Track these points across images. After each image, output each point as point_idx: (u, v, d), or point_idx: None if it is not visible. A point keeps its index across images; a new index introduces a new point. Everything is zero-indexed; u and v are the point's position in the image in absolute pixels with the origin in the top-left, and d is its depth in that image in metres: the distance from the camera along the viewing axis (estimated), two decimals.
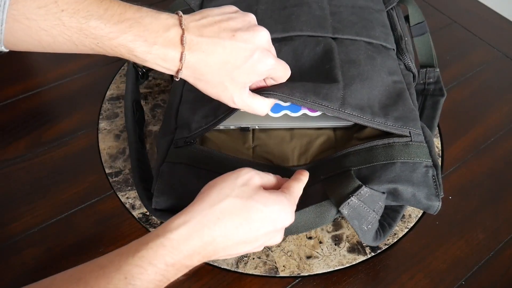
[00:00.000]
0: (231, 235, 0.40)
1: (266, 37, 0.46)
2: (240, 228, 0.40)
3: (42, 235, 0.55)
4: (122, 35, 0.41)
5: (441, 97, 0.67)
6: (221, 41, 0.44)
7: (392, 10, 0.68)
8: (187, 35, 0.43)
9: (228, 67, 0.44)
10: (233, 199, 0.41)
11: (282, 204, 0.43)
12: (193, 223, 0.39)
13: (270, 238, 0.43)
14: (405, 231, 0.57)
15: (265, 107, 0.49)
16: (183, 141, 0.54)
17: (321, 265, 0.54)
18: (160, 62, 0.43)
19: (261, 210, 0.41)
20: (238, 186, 0.42)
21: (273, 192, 0.44)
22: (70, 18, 0.39)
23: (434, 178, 0.50)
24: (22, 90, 0.71)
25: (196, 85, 0.46)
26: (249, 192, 0.42)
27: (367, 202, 0.49)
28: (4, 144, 0.64)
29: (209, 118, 0.54)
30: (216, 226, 0.40)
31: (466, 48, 0.82)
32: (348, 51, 0.58)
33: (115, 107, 0.69)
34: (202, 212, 0.40)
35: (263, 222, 0.41)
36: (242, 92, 0.47)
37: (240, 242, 0.41)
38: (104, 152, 0.64)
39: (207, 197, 0.41)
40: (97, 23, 0.40)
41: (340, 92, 0.52)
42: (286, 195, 0.44)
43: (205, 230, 0.39)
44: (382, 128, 0.52)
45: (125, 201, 0.59)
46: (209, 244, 0.40)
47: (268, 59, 0.46)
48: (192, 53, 0.43)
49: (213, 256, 0.41)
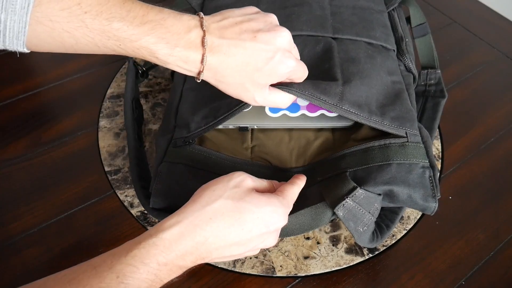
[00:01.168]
0: (223, 236, 0.41)
1: (288, 38, 0.46)
2: (232, 229, 0.41)
3: (42, 235, 0.55)
4: (145, 37, 0.41)
5: (442, 98, 0.66)
6: (242, 42, 0.43)
7: (393, 11, 0.67)
8: (208, 36, 0.43)
9: (249, 69, 0.44)
10: (225, 200, 0.41)
11: (274, 206, 0.43)
12: (185, 223, 0.40)
13: (263, 240, 0.43)
14: (403, 232, 0.57)
15: (287, 99, 0.49)
16: (181, 140, 0.54)
17: (318, 265, 0.54)
18: (181, 64, 0.43)
19: (252, 211, 0.42)
20: (230, 188, 0.42)
21: (265, 194, 0.44)
22: (93, 20, 0.39)
23: (431, 179, 0.50)
24: (22, 90, 0.71)
25: (217, 86, 0.46)
26: (241, 193, 0.42)
27: (362, 204, 0.49)
28: (4, 144, 0.64)
29: (208, 119, 0.54)
30: (208, 226, 0.40)
31: (466, 48, 0.82)
32: (348, 50, 0.58)
33: (116, 105, 0.69)
34: (194, 212, 0.41)
35: (255, 223, 0.42)
36: (263, 91, 0.46)
37: (232, 243, 0.41)
38: (104, 150, 0.64)
39: (199, 199, 0.42)
40: (119, 25, 0.40)
41: (339, 88, 0.52)
42: (278, 197, 0.44)
43: (197, 230, 0.40)
44: (378, 126, 0.52)
45: (123, 199, 0.59)
46: (201, 244, 0.40)
47: (289, 61, 0.45)
48: (213, 55, 0.43)
49: (207, 257, 0.41)
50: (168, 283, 0.40)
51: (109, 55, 0.44)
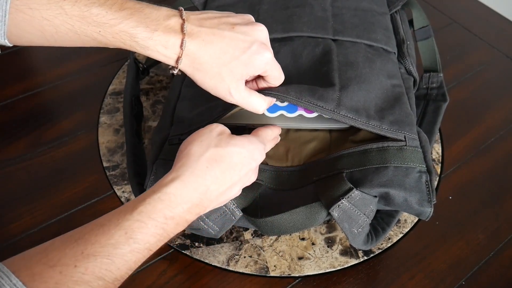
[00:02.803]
0: (222, 181, 0.43)
1: (265, 32, 0.47)
2: (227, 172, 0.44)
3: (42, 235, 0.55)
4: (124, 21, 0.42)
5: (443, 102, 0.66)
6: (220, 31, 0.45)
7: (396, 13, 0.67)
8: (188, 24, 0.44)
9: (226, 57, 0.45)
10: (215, 148, 0.44)
11: (255, 144, 0.47)
12: (186, 176, 0.41)
13: (248, 177, 0.47)
14: (399, 236, 0.57)
15: (262, 104, 0.49)
16: (177, 138, 0.54)
17: (312, 266, 0.54)
18: (160, 50, 0.44)
19: (239, 152, 0.45)
20: (215, 136, 0.45)
21: (244, 135, 0.47)
22: (72, 6, 0.41)
23: (427, 183, 0.50)
24: (22, 90, 0.71)
25: (193, 77, 0.47)
26: (226, 139, 0.45)
27: (358, 205, 0.49)
28: (4, 144, 0.64)
29: (204, 116, 0.54)
30: (207, 175, 0.42)
31: (466, 48, 0.82)
32: (347, 53, 0.57)
33: (116, 101, 0.70)
34: (191, 165, 0.42)
35: (244, 162, 0.45)
36: (239, 84, 0.47)
37: (229, 186, 0.44)
38: (103, 145, 0.64)
39: (191, 152, 0.43)
40: (98, 10, 0.41)
41: (336, 94, 0.52)
42: (256, 137, 0.48)
43: (199, 180, 0.42)
44: (377, 131, 0.51)
45: (120, 194, 0.59)
46: (204, 193, 0.42)
47: (266, 52, 0.46)
48: (192, 41, 0.44)
49: (208, 207, 0.44)
50: (175, 236, 0.40)
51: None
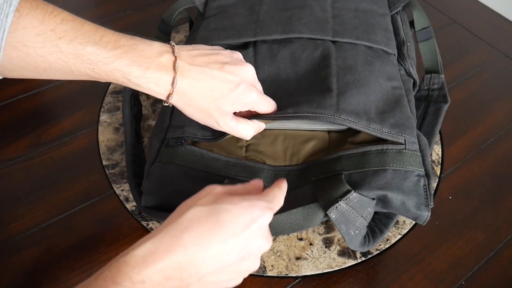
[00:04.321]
0: (204, 243, 0.36)
1: (252, 72, 0.50)
2: (212, 233, 0.36)
3: (42, 235, 0.55)
4: (117, 60, 0.43)
5: (444, 104, 0.65)
6: (210, 70, 0.47)
7: (396, 14, 0.67)
8: (179, 61, 0.46)
9: (215, 95, 0.47)
10: (198, 207, 0.38)
11: (251, 200, 0.39)
12: (158, 237, 0.36)
13: (259, 246, 0.39)
14: (398, 237, 0.57)
15: (250, 131, 0.52)
16: (174, 141, 0.54)
17: (309, 267, 0.54)
18: (152, 87, 0.46)
19: (229, 209, 0.37)
20: (201, 197, 0.40)
21: (240, 195, 0.41)
22: (67, 45, 0.41)
23: (425, 187, 0.50)
24: (22, 90, 0.71)
25: (184, 110, 0.49)
26: (213, 198, 0.39)
27: (355, 207, 0.49)
28: (4, 144, 0.64)
29: (206, 132, 0.54)
30: (184, 234, 0.36)
31: (466, 48, 0.82)
32: (346, 57, 0.57)
33: (117, 100, 0.70)
34: (167, 226, 0.37)
35: (236, 222, 0.37)
36: (227, 117, 0.49)
37: (219, 251, 0.37)
38: (103, 144, 0.64)
39: (172, 214, 0.39)
40: (93, 49, 0.42)
41: (334, 100, 0.52)
42: (257, 196, 0.41)
43: (173, 240, 0.36)
44: (377, 134, 0.52)
45: (119, 193, 0.59)
46: (180, 254, 0.36)
47: (252, 93, 0.49)
48: (183, 79, 0.46)
49: (194, 275, 0.36)
50: None
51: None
